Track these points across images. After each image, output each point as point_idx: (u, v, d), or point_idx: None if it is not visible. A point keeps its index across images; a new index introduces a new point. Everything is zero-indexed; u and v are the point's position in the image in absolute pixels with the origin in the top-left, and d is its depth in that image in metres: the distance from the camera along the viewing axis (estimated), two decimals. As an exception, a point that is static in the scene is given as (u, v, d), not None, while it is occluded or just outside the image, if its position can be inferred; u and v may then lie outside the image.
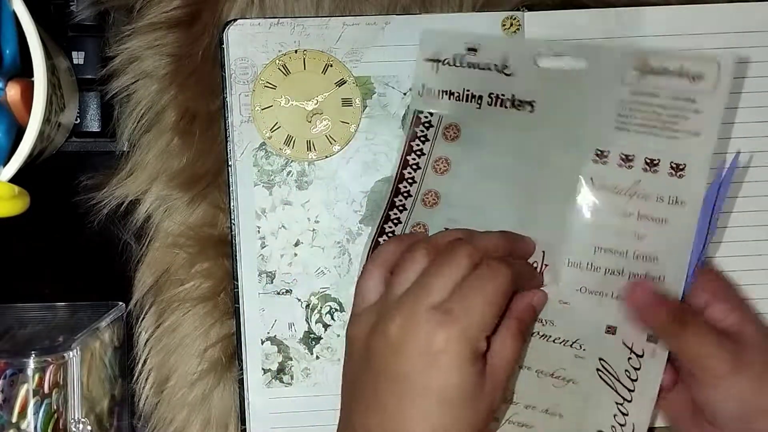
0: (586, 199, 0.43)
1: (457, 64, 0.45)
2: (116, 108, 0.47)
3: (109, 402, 0.46)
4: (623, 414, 0.42)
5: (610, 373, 0.42)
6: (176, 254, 0.47)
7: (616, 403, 0.42)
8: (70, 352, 0.41)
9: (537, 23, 0.46)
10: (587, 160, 0.43)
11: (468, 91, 0.45)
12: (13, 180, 0.38)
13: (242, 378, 0.46)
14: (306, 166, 0.46)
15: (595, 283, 0.43)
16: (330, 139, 0.46)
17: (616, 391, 0.42)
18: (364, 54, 0.46)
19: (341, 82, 0.46)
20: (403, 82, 0.46)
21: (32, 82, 0.38)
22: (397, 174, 0.46)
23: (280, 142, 0.46)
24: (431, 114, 0.45)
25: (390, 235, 0.45)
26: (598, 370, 0.42)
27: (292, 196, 0.46)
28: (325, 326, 0.47)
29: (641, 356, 0.42)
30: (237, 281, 0.46)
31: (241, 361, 0.46)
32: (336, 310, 0.46)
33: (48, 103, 0.39)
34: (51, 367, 0.40)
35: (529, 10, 0.46)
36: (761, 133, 0.46)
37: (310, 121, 0.46)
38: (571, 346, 0.43)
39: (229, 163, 0.46)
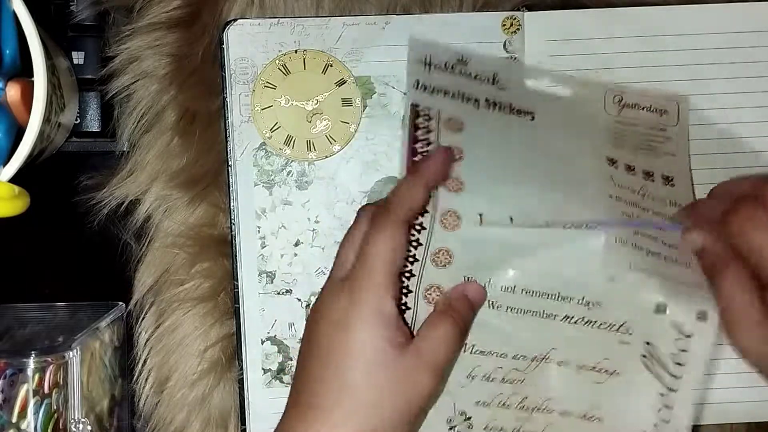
0: (614, 191, 0.43)
1: (449, 71, 0.45)
2: (116, 108, 0.47)
3: (109, 402, 0.46)
4: (667, 407, 0.40)
5: (655, 358, 0.40)
6: (176, 254, 0.47)
7: (660, 395, 0.40)
8: (70, 352, 0.41)
9: (537, 23, 0.46)
10: (603, 163, 0.44)
11: (463, 93, 0.44)
12: (13, 180, 0.38)
13: (242, 378, 0.46)
14: (306, 166, 0.46)
15: (642, 261, 0.40)
16: (330, 139, 0.46)
17: (660, 381, 0.40)
18: (364, 54, 0.46)
19: (341, 82, 0.46)
20: (404, 81, 0.46)
21: (32, 82, 0.38)
22: (408, 165, 0.42)
23: (280, 142, 0.46)
24: (429, 109, 0.43)
25: (418, 235, 0.42)
26: (643, 356, 0.40)
27: (292, 196, 0.46)
28: (325, 326, 0.47)
29: (689, 336, 0.39)
30: (237, 281, 0.46)
31: (241, 361, 0.46)
32: (336, 310, 0.46)
33: (48, 103, 0.39)
34: (51, 367, 0.40)
35: (529, 10, 0.46)
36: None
37: (310, 121, 0.46)
38: (617, 330, 0.40)
39: (229, 163, 0.46)
